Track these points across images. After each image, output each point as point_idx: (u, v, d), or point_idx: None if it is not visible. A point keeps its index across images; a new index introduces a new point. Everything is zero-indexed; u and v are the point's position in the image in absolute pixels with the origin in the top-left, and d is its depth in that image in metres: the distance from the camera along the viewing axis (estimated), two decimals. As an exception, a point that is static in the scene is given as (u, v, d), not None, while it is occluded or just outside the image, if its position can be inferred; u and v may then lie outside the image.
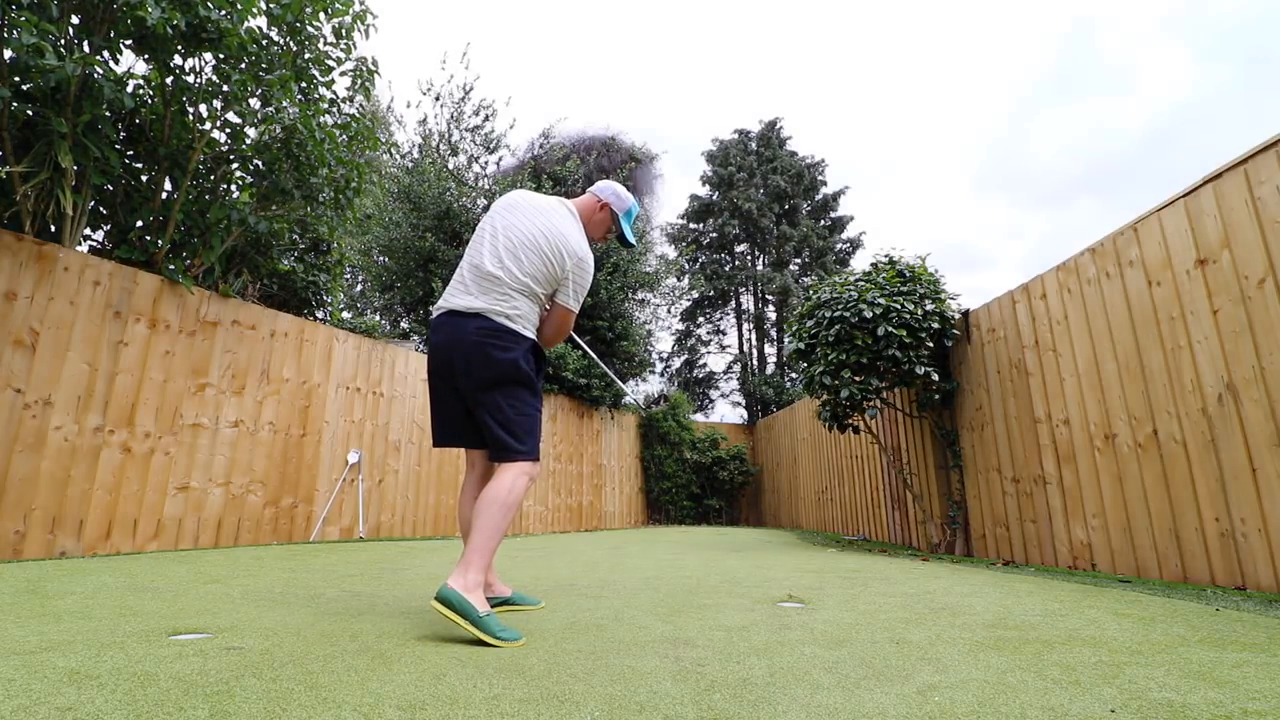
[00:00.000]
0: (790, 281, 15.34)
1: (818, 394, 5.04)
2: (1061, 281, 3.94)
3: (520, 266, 2.01)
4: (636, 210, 2.38)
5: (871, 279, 4.85)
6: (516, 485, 1.88)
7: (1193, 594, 2.59)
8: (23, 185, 3.72)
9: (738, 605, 2.28)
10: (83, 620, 1.81)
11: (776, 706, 1.19)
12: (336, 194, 5.41)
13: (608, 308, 9.32)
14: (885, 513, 6.31)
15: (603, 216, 2.29)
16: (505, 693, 1.25)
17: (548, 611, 2.17)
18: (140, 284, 4.23)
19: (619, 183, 2.51)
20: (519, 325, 1.99)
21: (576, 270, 2.07)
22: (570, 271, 2.06)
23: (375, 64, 5.25)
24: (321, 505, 5.34)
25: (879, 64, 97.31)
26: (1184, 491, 3.11)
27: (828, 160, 16.79)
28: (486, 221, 2.12)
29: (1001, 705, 1.21)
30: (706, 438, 10.50)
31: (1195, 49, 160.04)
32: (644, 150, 14.97)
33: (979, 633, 1.83)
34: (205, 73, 4.42)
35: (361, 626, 1.82)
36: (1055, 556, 3.90)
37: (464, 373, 1.96)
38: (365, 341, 6.01)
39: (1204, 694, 1.26)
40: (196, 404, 4.50)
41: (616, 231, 2.33)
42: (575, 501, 8.65)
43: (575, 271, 2.07)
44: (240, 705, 1.14)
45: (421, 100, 16.66)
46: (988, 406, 4.58)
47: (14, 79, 3.60)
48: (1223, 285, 2.95)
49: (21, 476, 3.58)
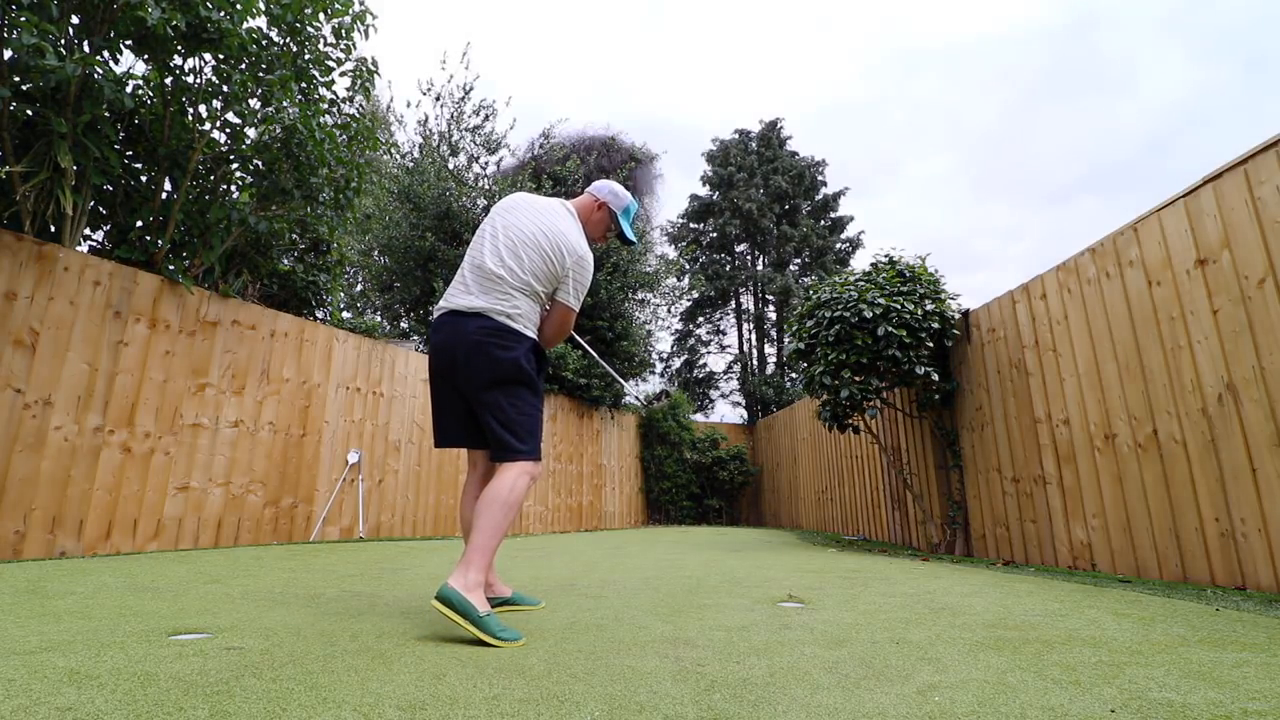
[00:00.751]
0: (790, 281, 15.35)
1: (818, 394, 5.04)
2: (1061, 281, 3.94)
3: (521, 264, 2.01)
4: (635, 208, 2.38)
5: (871, 279, 4.85)
6: (518, 485, 1.88)
7: (1193, 594, 2.59)
8: (23, 185, 3.72)
9: (738, 605, 2.28)
10: (83, 620, 1.81)
11: (776, 706, 1.19)
12: (336, 194, 5.41)
13: (608, 308, 9.31)
14: (885, 513, 6.31)
15: (601, 216, 2.29)
16: (505, 693, 1.25)
17: (548, 611, 2.17)
18: (140, 284, 4.23)
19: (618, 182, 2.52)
20: (520, 324, 2.00)
21: (576, 268, 2.08)
22: (570, 269, 2.07)
23: (375, 64, 5.25)
24: (321, 505, 5.34)
25: (879, 64, 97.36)
26: (1184, 491, 3.11)
27: (828, 160, 16.80)
28: (487, 223, 2.14)
29: (1001, 705, 1.21)
30: (706, 438, 10.50)
31: (1195, 50, 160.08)
32: (644, 150, 14.98)
33: (979, 633, 1.83)
34: (205, 73, 4.42)
35: (361, 626, 1.82)
36: (1055, 556, 3.90)
37: (465, 372, 1.96)
38: (365, 341, 6.01)
39: (1204, 694, 1.26)
40: (196, 404, 4.50)
41: (616, 230, 2.34)
42: (575, 501, 8.65)
43: (575, 269, 2.08)
44: (240, 705, 1.14)
45: (421, 100, 16.67)
46: (988, 406, 4.58)
47: (14, 79, 3.60)
48: (1223, 285, 2.95)
49: (21, 476, 3.58)
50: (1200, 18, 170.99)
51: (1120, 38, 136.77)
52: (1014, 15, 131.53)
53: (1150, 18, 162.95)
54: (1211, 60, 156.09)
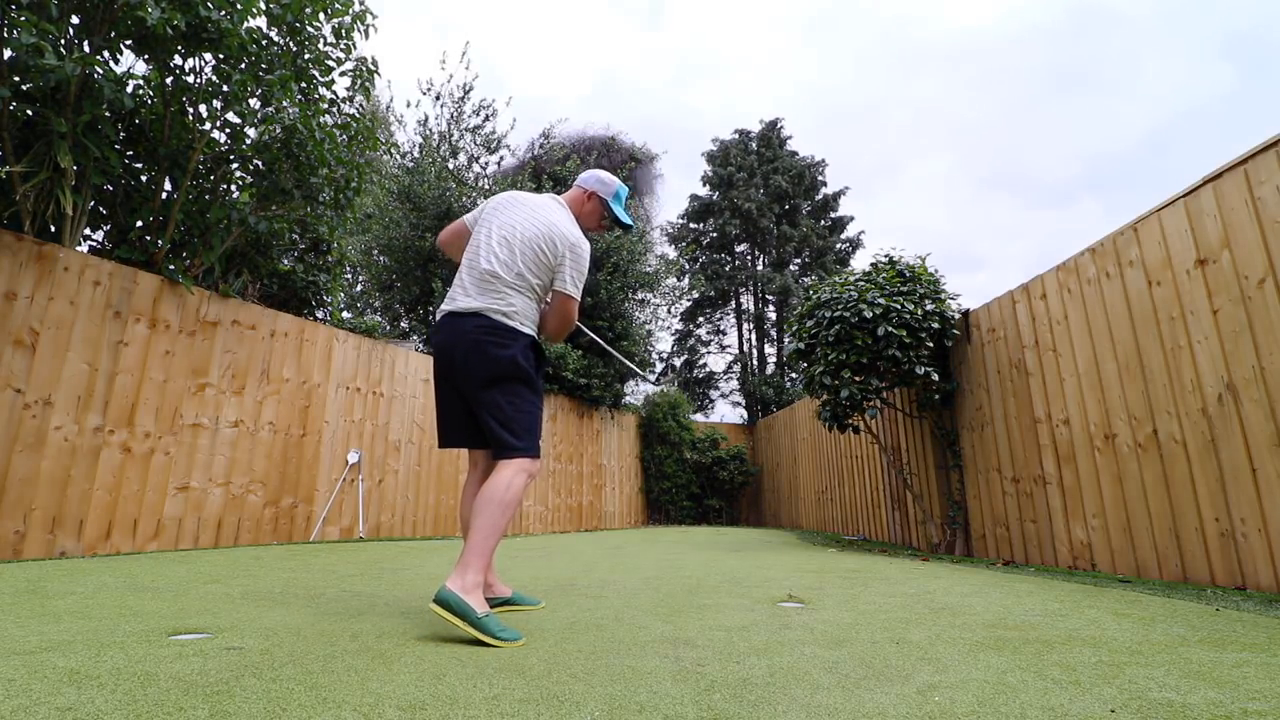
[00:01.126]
0: (790, 281, 15.33)
1: (818, 394, 5.04)
2: (1061, 281, 3.94)
3: (514, 258, 2.03)
4: (625, 191, 2.36)
5: (871, 279, 4.86)
6: (515, 483, 1.88)
7: (1193, 594, 2.59)
8: (23, 185, 3.72)
9: (738, 605, 2.28)
10: (83, 620, 1.81)
11: (776, 706, 1.19)
12: (336, 194, 5.41)
13: (608, 308, 9.31)
14: (885, 513, 6.31)
15: (592, 206, 2.29)
16: (505, 693, 1.25)
17: (548, 611, 2.17)
18: (140, 284, 4.23)
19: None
20: (516, 322, 2.01)
21: (571, 254, 2.07)
22: (564, 255, 2.06)
23: (375, 64, 5.25)
24: (321, 505, 5.34)
25: (879, 63, 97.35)
26: (1184, 491, 3.11)
27: (828, 160, 16.79)
28: (481, 225, 2.15)
29: (1001, 705, 1.21)
30: (706, 438, 10.50)
31: (1196, 50, 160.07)
32: (644, 150, 14.98)
33: (979, 633, 1.83)
34: (205, 73, 4.42)
35: (361, 626, 1.82)
36: (1055, 556, 3.90)
37: (463, 371, 1.98)
38: (365, 341, 6.01)
39: (1204, 694, 1.26)
40: (196, 404, 4.50)
41: (610, 217, 2.32)
42: (575, 501, 8.65)
43: (570, 256, 2.07)
44: (240, 705, 1.14)
45: (421, 100, 16.69)
46: (988, 406, 4.58)
47: (14, 79, 3.60)
48: (1223, 285, 2.95)
49: (21, 476, 3.58)
50: (1201, 18, 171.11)
51: (1120, 37, 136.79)
52: (1014, 15, 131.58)
53: (1150, 17, 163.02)
54: (1212, 60, 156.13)
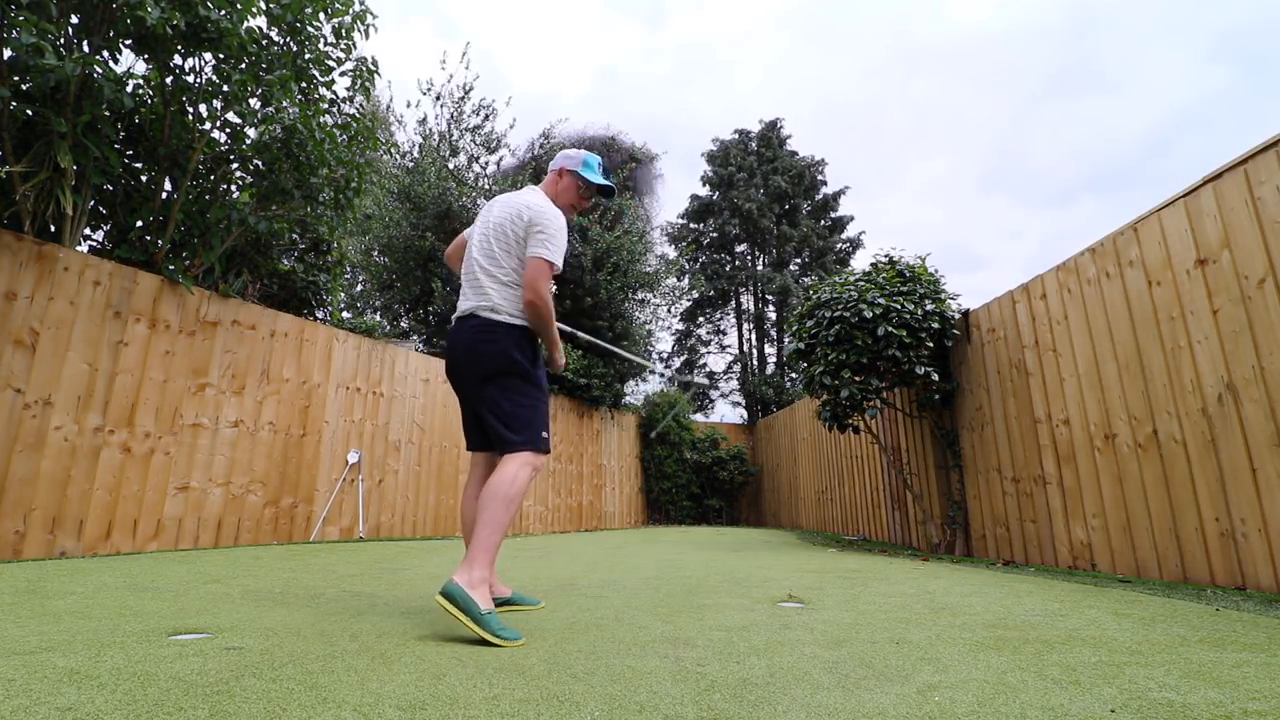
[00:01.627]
0: (790, 281, 15.33)
1: (818, 394, 5.04)
2: (1061, 281, 3.94)
3: (491, 249, 2.09)
4: (595, 159, 2.33)
5: (871, 279, 4.85)
6: (519, 477, 1.89)
7: (1193, 594, 2.59)
8: (23, 185, 3.72)
9: (738, 605, 2.28)
10: (83, 620, 1.81)
11: (776, 706, 1.19)
12: (336, 194, 5.41)
13: (608, 308, 9.30)
14: (885, 513, 6.31)
15: (566, 182, 2.29)
16: (505, 693, 1.25)
17: (548, 611, 2.17)
18: (140, 284, 4.23)
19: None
20: (503, 315, 2.04)
21: (537, 220, 2.04)
22: (529, 223, 2.04)
23: (375, 64, 5.25)
24: (321, 505, 5.34)
25: (879, 63, 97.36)
26: (1184, 491, 3.11)
27: (828, 160, 16.79)
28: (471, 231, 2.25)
29: (1001, 705, 1.21)
30: (706, 438, 10.50)
31: (1196, 50, 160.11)
32: (644, 150, 14.98)
33: (979, 633, 1.83)
34: (205, 73, 4.42)
35: (361, 626, 1.82)
36: (1055, 556, 3.90)
37: (465, 372, 2.05)
38: (365, 341, 6.01)
39: (1204, 694, 1.26)
40: (196, 404, 4.50)
41: (586, 185, 2.29)
42: (575, 501, 8.65)
43: (536, 222, 2.03)
44: (240, 705, 1.14)
45: (421, 100, 16.70)
46: (988, 406, 4.58)
47: (14, 79, 3.60)
48: (1223, 285, 2.95)
49: (21, 476, 3.58)
50: (1201, 18, 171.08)
51: (1121, 38, 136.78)
52: (1014, 15, 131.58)
53: (1150, 17, 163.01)
54: (1212, 60, 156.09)
